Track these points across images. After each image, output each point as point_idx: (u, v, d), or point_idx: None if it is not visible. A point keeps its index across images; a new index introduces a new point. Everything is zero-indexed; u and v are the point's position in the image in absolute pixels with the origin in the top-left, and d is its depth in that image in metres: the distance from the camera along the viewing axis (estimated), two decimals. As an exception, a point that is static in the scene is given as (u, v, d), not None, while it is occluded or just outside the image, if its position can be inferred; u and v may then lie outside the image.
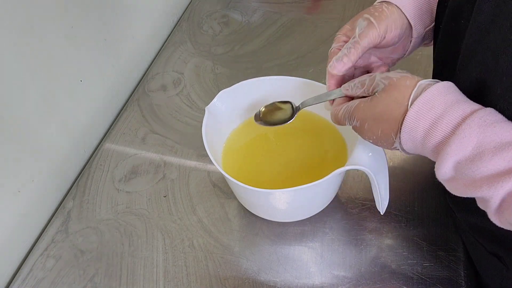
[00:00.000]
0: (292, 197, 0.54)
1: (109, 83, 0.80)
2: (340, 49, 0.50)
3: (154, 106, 0.81)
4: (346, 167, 0.50)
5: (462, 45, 0.42)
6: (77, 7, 0.69)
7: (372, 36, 0.48)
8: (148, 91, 0.84)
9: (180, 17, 1.01)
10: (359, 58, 0.49)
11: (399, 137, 0.41)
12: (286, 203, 0.56)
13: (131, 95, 0.85)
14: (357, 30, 0.48)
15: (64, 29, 0.67)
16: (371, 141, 0.45)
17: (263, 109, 0.58)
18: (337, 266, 0.57)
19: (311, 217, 0.61)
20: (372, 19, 0.48)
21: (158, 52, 0.93)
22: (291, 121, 0.55)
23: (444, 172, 0.38)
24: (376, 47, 0.50)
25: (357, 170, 0.57)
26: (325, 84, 0.61)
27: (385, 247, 0.58)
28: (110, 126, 0.80)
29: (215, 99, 0.60)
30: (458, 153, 0.36)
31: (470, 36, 0.40)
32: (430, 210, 0.60)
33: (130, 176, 0.70)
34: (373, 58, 0.54)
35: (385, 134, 0.43)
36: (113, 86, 0.81)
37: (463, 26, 0.42)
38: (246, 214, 0.63)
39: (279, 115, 0.57)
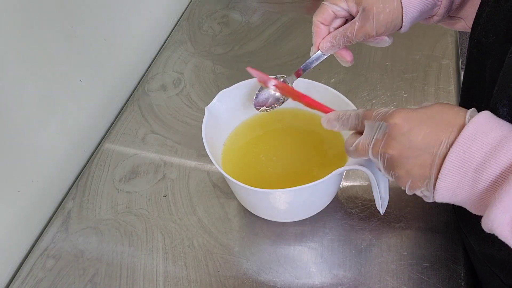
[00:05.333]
0: (292, 197, 0.54)
1: (109, 83, 0.80)
2: (334, 12, 0.50)
3: (154, 106, 0.81)
4: (346, 167, 0.50)
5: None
6: (77, 7, 0.69)
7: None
8: (148, 91, 0.84)
9: (180, 17, 1.01)
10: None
11: (446, 158, 0.35)
12: (286, 203, 0.56)
13: (131, 95, 0.85)
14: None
15: (64, 29, 0.67)
16: (396, 154, 0.38)
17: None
18: (337, 266, 0.57)
19: (311, 217, 0.61)
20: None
21: (158, 52, 0.93)
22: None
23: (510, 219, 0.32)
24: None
25: (357, 170, 0.57)
26: (324, 84, 0.61)
27: (385, 247, 0.58)
28: (110, 126, 0.80)
29: (215, 99, 0.60)
30: None
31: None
32: (430, 210, 0.60)
33: (130, 176, 0.70)
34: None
35: (427, 143, 0.37)
36: (113, 86, 0.81)
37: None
38: (246, 214, 0.63)
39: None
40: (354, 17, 0.51)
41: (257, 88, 0.63)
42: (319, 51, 0.54)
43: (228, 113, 0.62)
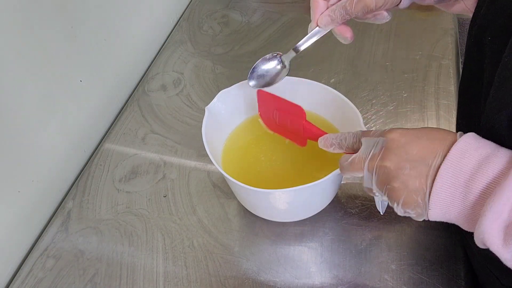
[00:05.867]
0: (292, 197, 0.54)
1: (109, 83, 0.80)
2: None
3: (154, 106, 0.81)
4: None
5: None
6: (77, 7, 0.69)
7: None
8: (148, 91, 0.84)
9: (180, 17, 1.01)
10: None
11: (438, 171, 0.37)
12: (286, 203, 0.56)
13: (131, 95, 0.85)
14: None
15: (64, 29, 0.67)
16: (393, 166, 0.40)
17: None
18: (337, 266, 0.57)
19: (311, 217, 0.61)
20: None
21: (158, 52, 0.93)
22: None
23: (499, 227, 0.33)
24: None
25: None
26: (324, 84, 0.61)
27: (385, 247, 0.58)
28: (110, 126, 0.80)
29: (215, 99, 0.60)
30: None
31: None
32: (430, 210, 0.60)
33: (130, 176, 0.70)
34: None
35: (423, 155, 0.38)
36: (113, 86, 0.81)
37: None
38: (246, 214, 0.63)
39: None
40: None
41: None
42: (317, 27, 0.53)
43: (228, 113, 0.62)
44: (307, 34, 0.54)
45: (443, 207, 0.37)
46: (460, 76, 0.50)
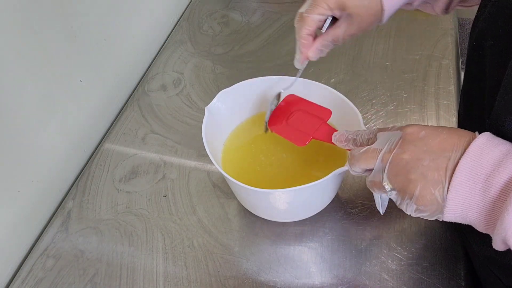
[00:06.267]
0: (292, 197, 0.54)
1: (109, 83, 0.80)
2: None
3: (154, 106, 0.81)
4: (346, 167, 0.50)
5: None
6: (77, 7, 0.69)
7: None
8: (148, 91, 0.84)
9: (180, 17, 1.01)
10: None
11: (457, 166, 0.36)
12: (286, 203, 0.56)
13: (131, 95, 0.85)
14: None
15: (64, 29, 0.67)
16: (413, 158, 0.39)
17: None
18: (337, 266, 0.57)
19: (311, 217, 0.61)
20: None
21: (158, 52, 0.93)
22: None
23: None
24: None
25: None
26: (324, 84, 0.61)
27: (385, 247, 0.58)
28: (110, 126, 0.80)
29: (215, 99, 0.60)
30: None
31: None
32: (430, 210, 0.60)
33: (130, 176, 0.70)
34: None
35: (442, 147, 0.38)
36: (113, 86, 0.81)
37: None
38: (246, 214, 0.63)
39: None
40: (333, 17, 0.51)
41: (257, 88, 0.63)
42: (306, 61, 0.55)
43: (228, 113, 0.62)
44: (296, 66, 0.56)
45: (461, 204, 0.36)
46: (462, 79, 0.50)
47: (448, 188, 0.36)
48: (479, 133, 0.38)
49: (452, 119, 0.71)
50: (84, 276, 0.60)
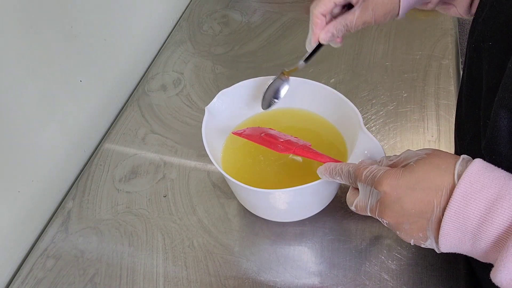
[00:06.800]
0: (292, 197, 0.54)
1: (109, 83, 0.80)
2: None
3: (154, 106, 0.81)
4: (346, 167, 0.50)
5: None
6: (77, 7, 0.69)
7: None
8: (148, 91, 0.84)
9: (180, 17, 1.01)
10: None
11: (442, 222, 0.34)
12: (286, 203, 0.56)
13: (131, 95, 0.85)
14: None
15: (64, 29, 0.67)
16: (392, 222, 0.38)
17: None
18: (337, 266, 0.57)
19: (311, 217, 0.61)
20: None
21: (158, 52, 0.93)
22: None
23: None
24: None
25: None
26: (324, 84, 0.61)
27: (385, 247, 0.58)
28: (110, 126, 0.80)
29: (215, 99, 0.60)
30: None
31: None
32: (430, 210, 0.60)
33: (130, 176, 0.70)
34: None
35: (419, 210, 0.35)
36: (113, 86, 0.81)
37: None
38: (246, 214, 0.63)
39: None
40: (350, 5, 0.51)
41: (257, 88, 0.63)
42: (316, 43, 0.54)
43: (228, 113, 0.62)
44: (307, 48, 0.55)
45: (453, 248, 0.36)
46: (461, 80, 0.50)
47: (436, 240, 0.36)
48: (470, 154, 0.36)
49: (452, 119, 0.71)
50: (84, 276, 0.60)
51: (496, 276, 0.32)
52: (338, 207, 0.62)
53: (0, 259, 0.61)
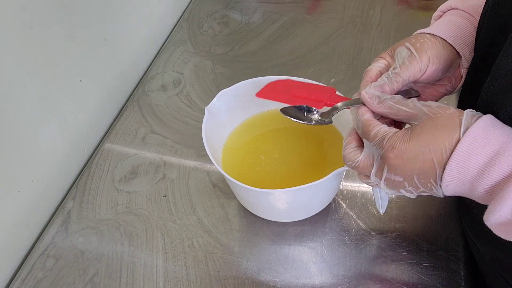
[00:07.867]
0: (292, 197, 0.54)
1: (109, 83, 0.80)
2: (379, 70, 0.47)
3: (154, 106, 0.81)
4: (346, 167, 0.50)
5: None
6: (77, 7, 0.69)
7: (413, 69, 0.44)
8: (148, 91, 0.84)
9: (180, 17, 1.01)
10: (399, 90, 0.45)
11: (444, 172, 0.36)
12: (286, 203, 0.56)
13: (131, 95, 0.85)
14: (397, 60, 0.45)
15: (64, 29, 0.67)
16: (401, 179, 0.40)
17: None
18: (337, 266, 0.57)
19: (311, 217, 0.61)
20: (413, 49, 0.44)
21: (158, 52, 0.93)
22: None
23: (499, 216, 0.33)
24: (416, 81, 0.46)
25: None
26: (324, 84, 0.61)
27: (385, 247, 0.58)
28: (110, 126, 0.80)
29: (215, 99, 0.60)
30: None
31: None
32: (431, 210, 0.60)
33: (130, 176, 0.70)
34: (413, 92, 0.50)
35: (426, 170, 0.38)
36: (113, 86, 0.81)
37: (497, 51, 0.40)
38: (246, 214, 0.63)
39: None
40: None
41: (257, 88, 0.63)
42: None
43: (228, 113, 0.62)
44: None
45: (455, 194, 0.38)
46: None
47: (441, 185, 0.38)
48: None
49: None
50: (84, 276, 0.60)
51: (488, 220, 0.35)
52: (338, 207, 0.62)
53: (0, 259, 0.61)
